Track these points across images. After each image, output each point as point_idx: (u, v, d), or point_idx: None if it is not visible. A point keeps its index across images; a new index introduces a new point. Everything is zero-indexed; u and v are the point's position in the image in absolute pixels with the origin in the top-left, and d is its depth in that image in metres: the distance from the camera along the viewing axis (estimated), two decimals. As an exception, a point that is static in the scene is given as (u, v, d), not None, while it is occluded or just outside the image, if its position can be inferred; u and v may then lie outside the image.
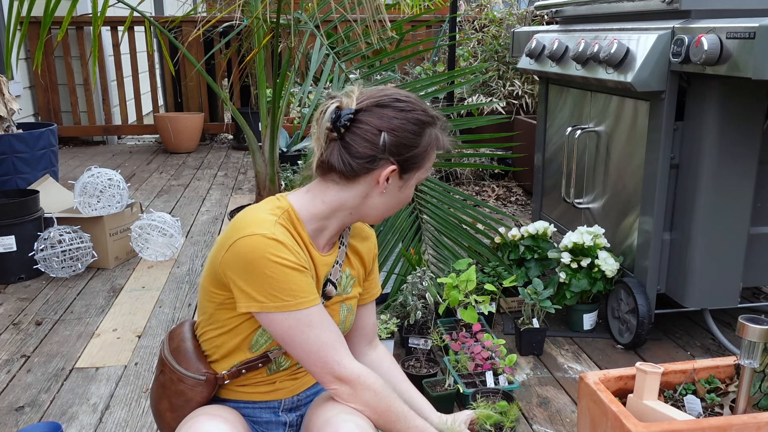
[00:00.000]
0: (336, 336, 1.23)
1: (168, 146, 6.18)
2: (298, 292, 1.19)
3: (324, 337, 1.21)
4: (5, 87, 3.89)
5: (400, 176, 1.24)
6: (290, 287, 1.18)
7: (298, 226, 1.25)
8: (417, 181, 1.28)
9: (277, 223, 1.20)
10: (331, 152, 1.22)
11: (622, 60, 2.27)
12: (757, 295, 2.87)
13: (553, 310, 2.37)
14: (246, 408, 1.34)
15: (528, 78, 4.98)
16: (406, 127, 1.21)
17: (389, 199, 1.27)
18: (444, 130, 1.28)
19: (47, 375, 2.27)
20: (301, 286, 1.19)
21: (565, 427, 1.98)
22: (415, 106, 1.23)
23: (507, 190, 4.80)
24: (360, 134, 1.20)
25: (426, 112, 1.24)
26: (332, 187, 1.25)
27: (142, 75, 6.43)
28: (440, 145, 1.27)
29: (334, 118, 1.21)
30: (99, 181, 3.19)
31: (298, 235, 1.25)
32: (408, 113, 1.21)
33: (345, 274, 1.36)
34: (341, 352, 1.22)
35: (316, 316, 1.21)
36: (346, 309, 1.36)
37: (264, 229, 1.18)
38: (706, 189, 2.23)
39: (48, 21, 2.80)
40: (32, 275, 3.13)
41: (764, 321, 1.36)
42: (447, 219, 2.80)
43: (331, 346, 1.21)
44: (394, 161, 1.21)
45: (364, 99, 1.22)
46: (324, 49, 2.83)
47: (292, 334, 1.20)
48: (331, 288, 1.31)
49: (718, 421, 1.34)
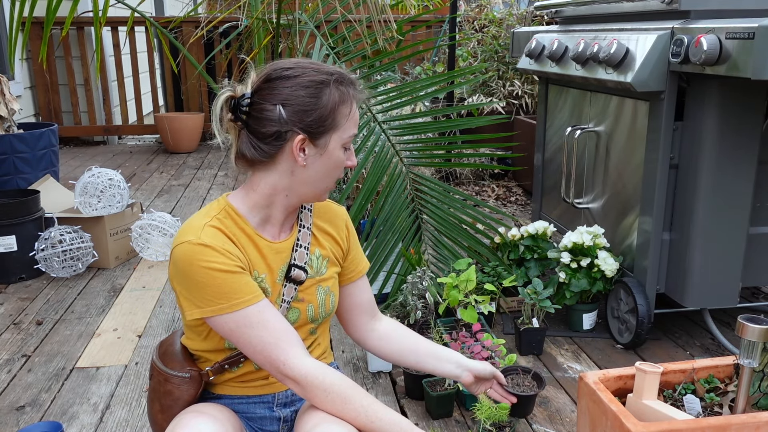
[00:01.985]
0: (280, 334, 1.20)
1: (168, 146, 6.19)
2: (231, 294, 1.18)
3: (266, 336, 1.19)
4: (6, 87, 3.89)
5: (313, 143, 1.21)
6: (222, 291, 1.18)
7: (239, 221, 1.25)
8: (341, 142, 1.23)
9: (207, 226, 1.20)
10: (242, 142, 1.22)
11: (621, 60, 2.27)
12: (756, 295, 2.87)
13: (553, 310, 2.38)
14: (240, 404, 1.34)
15: (528, 78, 4.98)
16: (298, 93, 1.18)
17: (317, 169, 1.23)
18: (348, 83, 1.23)
19: (48, 375, 2.28)
20: (233, 287, 1.18)
21: (564, 427, 1.98)
22: (304, 69, 1.20)
23: (507, 190, 4.80)
24: (259, 116, 1.19)
25: (319, 72, 1.20)
26: (258, 175, 1.25)
27: (142, 75, 6.43)
28: (347, 98, 1.22)
29: (232, 107, 1.21)
30: (99, 181, 3.19)
31: (241, 230, 1.25)
32: (297, 78, 1.19)
33: (315, 255, 1.34)
34: (286, 351, 1.19)
35: (254, 316, 1.19)
36: (323, 291, 1.34)
37: (191, 235, 1.19)
38: (706, 189, 2.23)
39: (51, 19, 2.81)
40: (33, 275, 3.13)
41: (763, 321, 1.36)
42: (447, 219, 2.80)
43: (274, 346, 1.19)
44: (299, 130, 1.19)
45: (256, 80, 1.21)
46: (324, 49, 2.83)
47: (236, 335, 1.19)
48: (299, 272, 1.30)
49: (717, 420, 1.34)
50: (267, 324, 1.19)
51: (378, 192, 2.81)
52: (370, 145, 2.84)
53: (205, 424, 1.18)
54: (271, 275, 1.28)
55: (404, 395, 2.15)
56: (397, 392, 2.17)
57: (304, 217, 1.34)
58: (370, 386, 2.20)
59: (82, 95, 6.30)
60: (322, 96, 1.19)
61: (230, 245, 1.22)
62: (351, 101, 1.24)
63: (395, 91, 3.00)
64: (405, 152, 2.91)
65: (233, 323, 1.19)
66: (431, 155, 3.13)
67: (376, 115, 2.87)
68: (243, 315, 1.18)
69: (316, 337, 1.38)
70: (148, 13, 7.66)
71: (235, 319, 1.18)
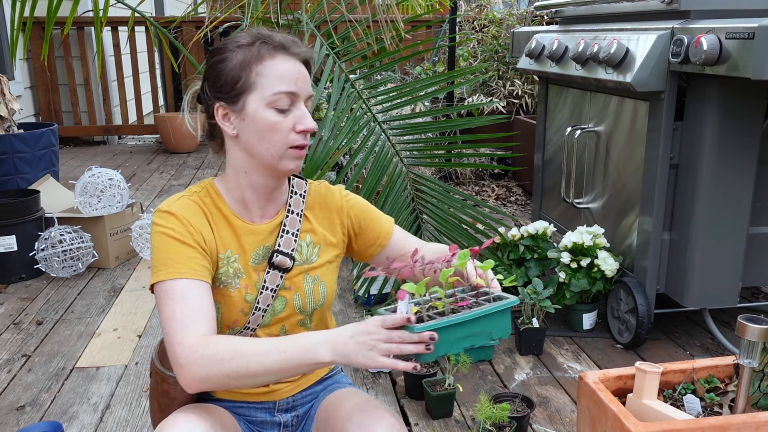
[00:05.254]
0: (194, 313, 1.12)
1: (168, 146, 6.19)
2: (171, 262, 1.16)
3: (178, 311, 1.12)
4: (6, 87, 3.89)
5: (231, 109, 1.20)
6: (167, 256, 1.17)
7: (217, 200, 1.26)
8: (264, 102, 1.18)
9: (183, 198, 1.23)
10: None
11: (621, 60, 2.27)
12: (756, 295, 2.87)
13: (553, 310, 2.38)
14: (241, 407, 1.33)
15: (528, 78, 4.98)
16: (209, 68, 1.22)
17: (248, 135, 1.20)
18: (263, 41, 1.19)
19: (48, 374, 2.28)
20: (176, 256, 1.16)
21: (564, 427, 1.98)
22: (218, 46, 1.23)
23: (507, 189, 4.81)
24: (201, 98, 1.26)
25: (238, 38, 1.21)
26: (225, 158, 1.28)
27: (142, 75, 6.43)
28: (262, 56, 1.18)
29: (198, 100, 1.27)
30: (99, 180, 3.19)
31: (217, 209, 1.25)
32: (217, 51, 1.22)
33: (305, 242, 1.31)
34: (189, 330, 1.10)
35: (180, 290, 1.14)
36: (311, 280, 1.30)
37: (164, 205, 1.22)
38: (706, 189, 2.23)
39: (52, 19, 2.82)
40: (33, 275, 3.13)
41: (763, 320, 1.36)
42: (447, 219, 2.80)
43: (179, 321, 1.11)
44: (216, 99, 1.21)
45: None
46: (324, 49, 2.83)
47: (159, 306, 1.16)
48: (283, 259, 1.26)
49: (717, 420, 1.34)
50: (186, 300, 1.14)
51: (378, 192, 2.81)
52: (370, 145, 2.84)
53: (191, 424, 1.15)
54: (244, 256, 1.26)
55: (404, 395, 2.15)
56: (397, 392, 2.17)
57: (295, 202, 1.31)
58: (370, 386, 2.20)
59: (82, 95, 6.30)
60: (230, 60, 1.19)
61: (199, 218, 1.22)
62: (268, 59, 1.18)
63: (395, 91, 3.00)
64: (405, 152, 2.91)
65: (162, 291, 1.15)
66: (431, 155, 3.13)
67: (376, 115, 2.87)
68: (171, 285, 1.15)
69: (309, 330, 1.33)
70: (148, 13, 7.66)
71: (165, 288, 1.15)
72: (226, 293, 1.25)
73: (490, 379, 2.25)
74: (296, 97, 1.20)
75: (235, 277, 1.25)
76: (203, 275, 1.18)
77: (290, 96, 1.19)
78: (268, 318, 1.28)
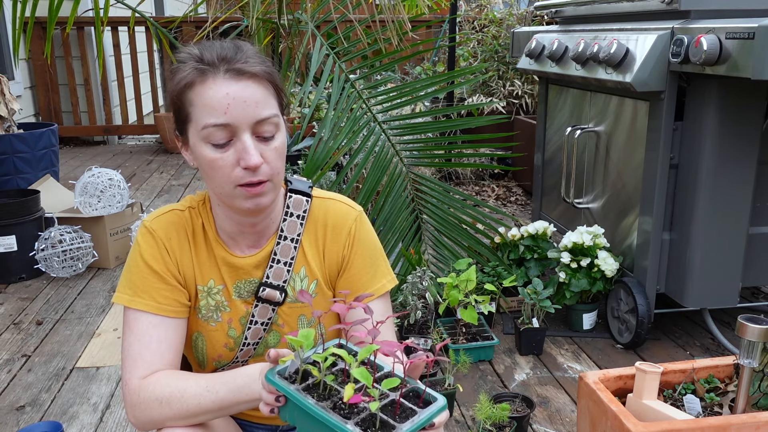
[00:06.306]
0: (149, 353, 1.06)
1: (168, 146, 6.18)
2: (138, 290, 1.09)
3: (135, 348, 1.07)
4: (6, 87, 3.89)
5: (183, 140, 1.08)
6: (134, 280, 1.10)
7: (206, 224, 1.15)
8: (200, 137, 1.02)
9: (171, 212, 1.14)
10: None
11: (621, 60, 2.27)
12: (756, 295, 2.87)
13: (553, 310, 2.38)
14: (242, 423, 1.31)
15: (528, 78, 4.98)
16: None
17: (201, 169, 1.06)
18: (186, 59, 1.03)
19: (48, 374, 2.28)
20: (144, 285, 1.09)
21: (564, 427, 1.98)
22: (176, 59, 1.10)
23: (507, 190, 4.81)
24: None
25: (177, 56, 1.06)
26: None
27: (142, 75, 6.43)
28: (202, 78, 1.00)
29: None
30: (99, 181, 3.19)
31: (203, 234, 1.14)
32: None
33: (299, 276, 1.16)
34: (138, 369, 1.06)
35: (139, 326, 1.08)
36: (306, 323, 1.17)
37: (151, 216, 1.14)
38: (706, 189, 2.23)
39: (53, 19, 2.82)
40: (33, 275, 3.13)
41: (763, 321, 1.36)
42: (447, 219, 2.80)
43: (133, 359, 1.06)
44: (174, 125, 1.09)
45: None
46: (324, 49, 2.83)
47: (123, 330, 1.10)
48: (272, 292, 1.13)
49: (717, 420, 1.34)
50: (143, 340, 1.07)
51: (378, 192, 2.81)
52: (370, 145, 2.84)
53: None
54: (228, 288, 1.15)
55: (404, 395, 2.15)
56: (397, 392, 2.17)
57: (289, 226, 1.14)
58: (370, 386, 2.20)
59: (82, 95, 6.30)
60: (172, 82, 1.04)
61: (181, 242, 1.12)
62: (198, 84, 1.00)
63: (395, 91, 3.00)
64: (405, 152, 2.91)
65: (125, 317, 1.10)
66: (431, 155, 3.13)
67: (376, 115, 2.87)
68: (134, 317, 1.09)
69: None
70: (148, 13, 7.66)
71: (128, 317, 1.10)
72: (207, 327, 1.16)
73: (490, 379, 2.25)
74: (233, 128, 1.00)
75: (216, 311, 1.16)
76: (169, 310, 1.10)
77: (224, 128, 1.00)
78: (261, 349, 1.19)
